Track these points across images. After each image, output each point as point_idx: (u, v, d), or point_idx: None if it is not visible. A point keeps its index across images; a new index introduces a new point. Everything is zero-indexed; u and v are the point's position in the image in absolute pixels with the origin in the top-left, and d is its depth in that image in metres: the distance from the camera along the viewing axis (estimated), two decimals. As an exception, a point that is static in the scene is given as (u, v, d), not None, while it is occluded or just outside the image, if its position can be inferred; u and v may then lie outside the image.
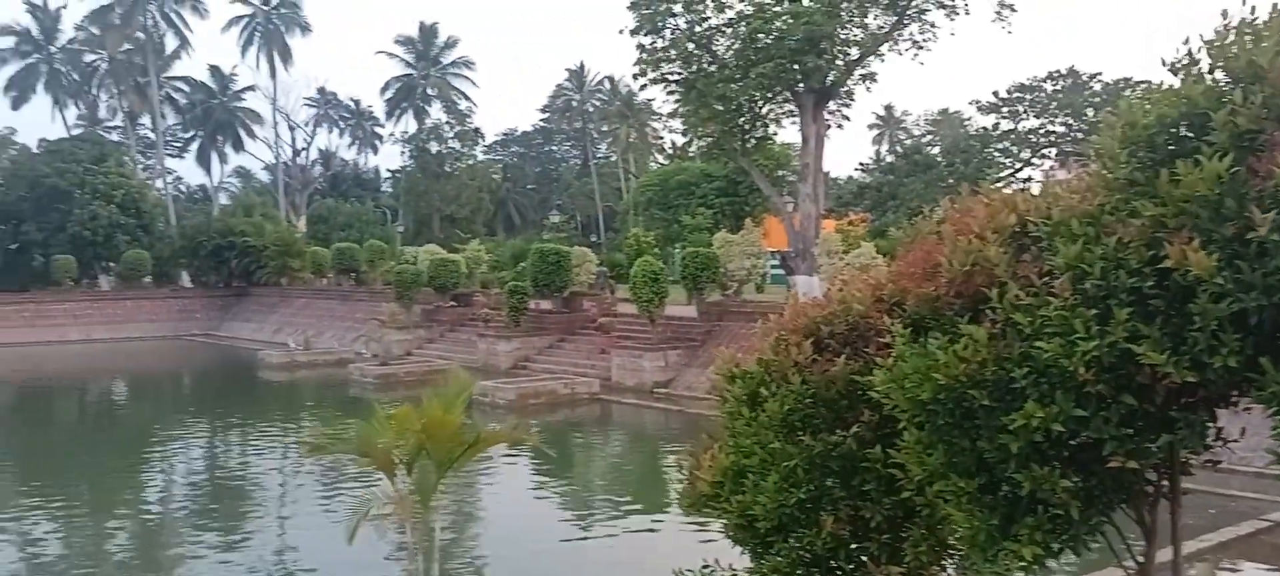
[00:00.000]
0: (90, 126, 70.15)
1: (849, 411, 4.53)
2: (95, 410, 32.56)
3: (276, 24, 69.48)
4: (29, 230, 52.94)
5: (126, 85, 67.72)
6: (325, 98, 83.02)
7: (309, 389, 33.16)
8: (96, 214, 52.86)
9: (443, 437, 8.84)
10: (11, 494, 18.74)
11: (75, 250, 52.40)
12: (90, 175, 53.55)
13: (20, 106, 66.91)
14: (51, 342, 46.98)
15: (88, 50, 67.90)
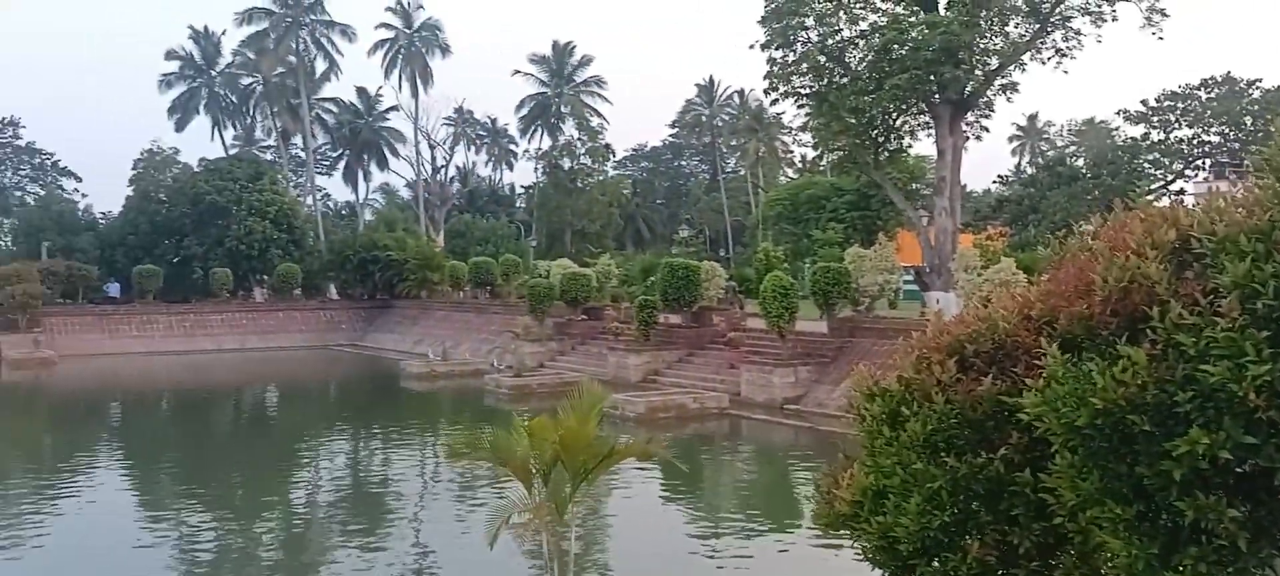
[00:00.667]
0: (246, 146, 74.11)
1: (996, 433, 4.39)
2: (249, 415, 34.27)
3: (418, 46, 71.94)
4: (190, 244, 56.30)
5: (280, 107, 71.28)
6: (463, 116, 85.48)
7: (447, 398, 34.12)
8: (252, 229, 55.78)
9: (578, 449, 8.98)
10: (173, 492, 19.92)
11: (232, 263, 55.38)
12: (246, 193, 56.53)
13: (184, 128, 71.13)
14: (210, 351, 49.79)
15: (245, 74, 71.73)
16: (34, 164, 75.25)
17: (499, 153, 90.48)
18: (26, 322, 46.19)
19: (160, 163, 62.80)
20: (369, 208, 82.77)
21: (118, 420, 32.44)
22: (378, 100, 78.03)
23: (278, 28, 67.03)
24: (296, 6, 66.86)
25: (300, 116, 70.46)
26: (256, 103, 73.70)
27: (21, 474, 22.53)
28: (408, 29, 71.78)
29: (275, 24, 66.93)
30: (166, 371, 43.77)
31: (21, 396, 38.08)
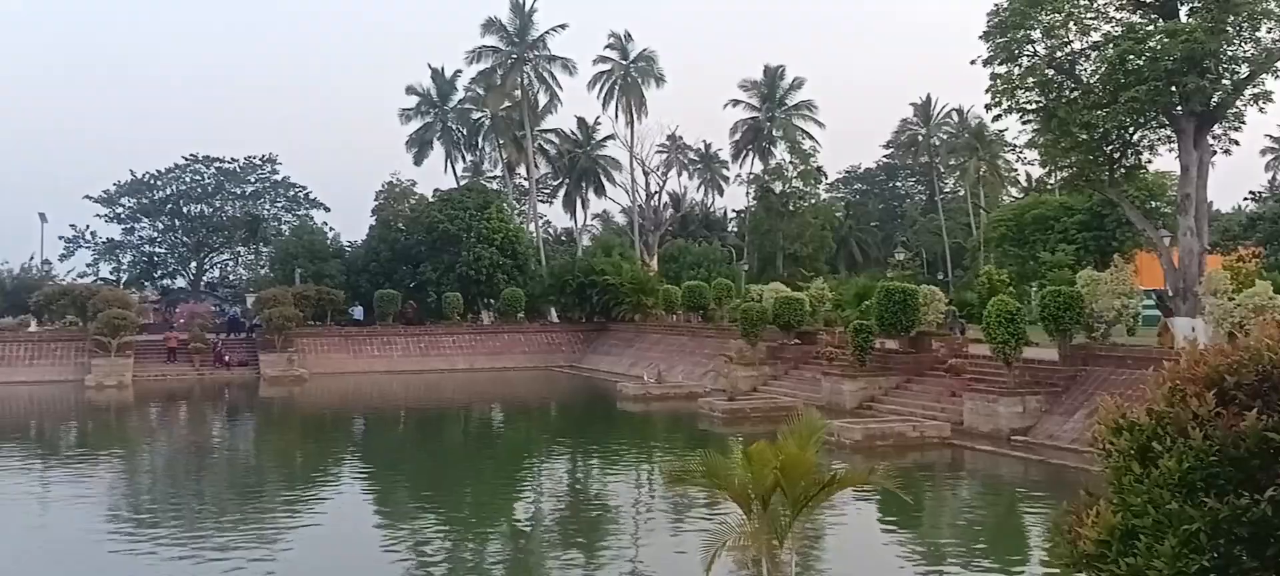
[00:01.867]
0: (474, 176, 78.26)
1: (1262, 472, 4.08)
2: (476, 431, 36.01)
3: (634, 77, 73.86)
4: (425, 270, 59.92)
5: (506, 139, 74.97)
6: (676, 143, 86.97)
7: (661, 420, 34.63)
8: (480, 255, 58.78)
9: (798, 475, 8.94)
10: (408, 503, 21.20)
11: (462, 288, 58.49)
12: (475, 221, 59.66)
13: (421, 161, 76.00)
14: (442, 370, 52.75)
15: (474, 109, 75.92)
16: (289, 196, 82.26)
17: (711, 177, 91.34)
18: (282, 342, 50.53)
19: (399, 194, 67.22)
20: (587, 233, 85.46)
21: (361, 433, 34.91)
22: (595, 130, 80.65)
23: (504, 65, 70.60)
24: (521, 44, 70.19)
25: (524, 148, 73.81)
26: (484, 135, 77.76)
27: (278, 481, 24.66)
28: (624, 61, 73.84)
29: (502, 61, 70.54)
30: (403, 389, 46.71)
31: (278, 410, 41.59)
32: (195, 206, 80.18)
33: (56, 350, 49.99)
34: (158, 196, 79.29)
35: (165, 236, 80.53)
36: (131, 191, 78.80)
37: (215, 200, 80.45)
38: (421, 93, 75.35)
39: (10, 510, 19.83)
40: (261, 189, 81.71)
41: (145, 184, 79.10)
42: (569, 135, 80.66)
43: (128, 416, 38.49)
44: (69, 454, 29.59)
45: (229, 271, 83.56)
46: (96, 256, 78.14)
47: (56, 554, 16.32)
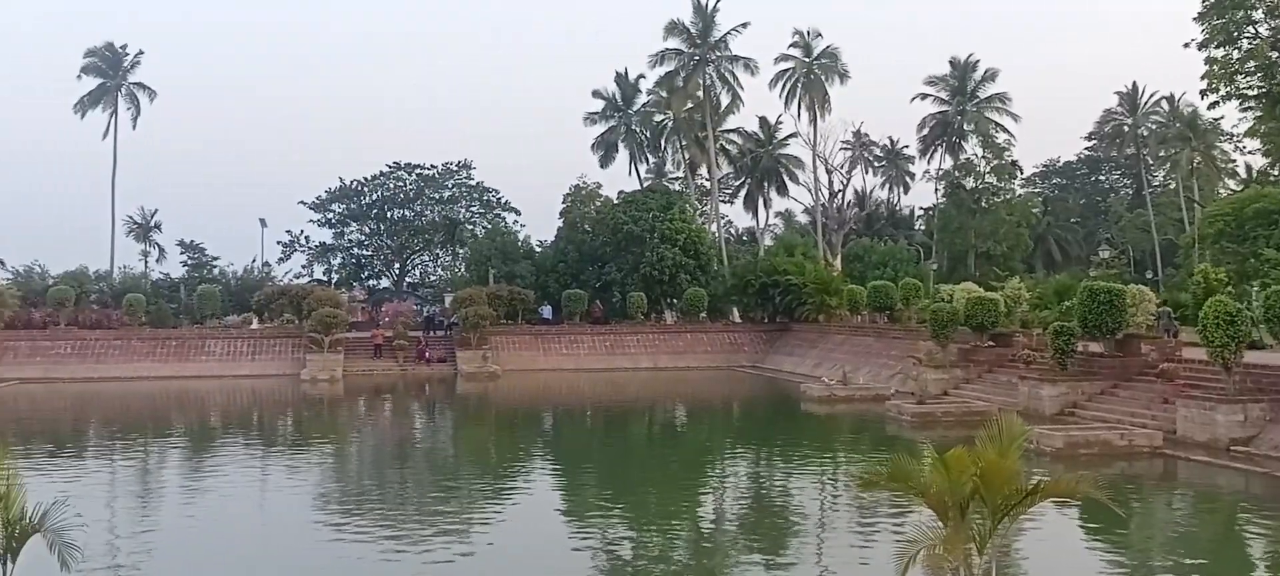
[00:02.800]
0: (657, 178, 79.26)
1: None
2: (660, 429, 36.45)
3: (817, 74, 72.92)
4: (610, 270, 61.17)
5: (688, 140, 75.54)
6: (860, 140, 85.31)
7: (846, 423, 34.08)
8: (663, 256, 59.48)
9: (999, 483, 8.64)
10: (595, 499, 21.71)
11: (646, 288, 59.36)
12: (658, 221, 60.41)
13: (607, 164, 77.60)
14: (626, 369, 53.75)
15: (657, 111, 76.86)
16: (483, 200, 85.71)
17: (896, 174, 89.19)
18: (477, 340, 52.73)
19: (585, 196, 68.86)
20: (769, 233, 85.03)
21: (550, 429, 36.01)
22: (778, 128, 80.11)
23: (686, 67, 71.15)
24: (703, 45, 70.55)
25: (706, 148, 74.16)
26: (667, 137, 78.58)
27: (474, 473, 25.77)
28: (807, 58, 73.03)
29: (684, 63, 71.12)
30: (590, 386, 47.87)
31: (473, 405, 43.40)
32: (398, 211, 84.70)
33: (275, 346, 53.95)
34: (364, 202, 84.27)
35: (371, 239, 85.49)
36: (341, 198, 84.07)
37: (416, 205, 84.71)
38: (606, 97, 76.92)
39: (233, 496, 21.52)
40: (458, 193, 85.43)
41: (353, 191, 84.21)
42: (751, 135, 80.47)
43: (338, 409, 41.07)
44: (285, 443, 31.90)
45: (428, 272, 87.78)
46: (310, 259, 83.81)
47: (272, 538, 17.61)
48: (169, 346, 53.32)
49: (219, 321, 58.52)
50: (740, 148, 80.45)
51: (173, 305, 62.03)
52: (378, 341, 54.57)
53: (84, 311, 58.09)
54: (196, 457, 27.91)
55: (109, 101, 73.34)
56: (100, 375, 49.70)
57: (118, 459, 27.79)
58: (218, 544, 17.02)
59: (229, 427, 35.55)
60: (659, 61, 71.36)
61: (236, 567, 15.34)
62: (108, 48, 73.53)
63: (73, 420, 36.89)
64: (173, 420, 37.06)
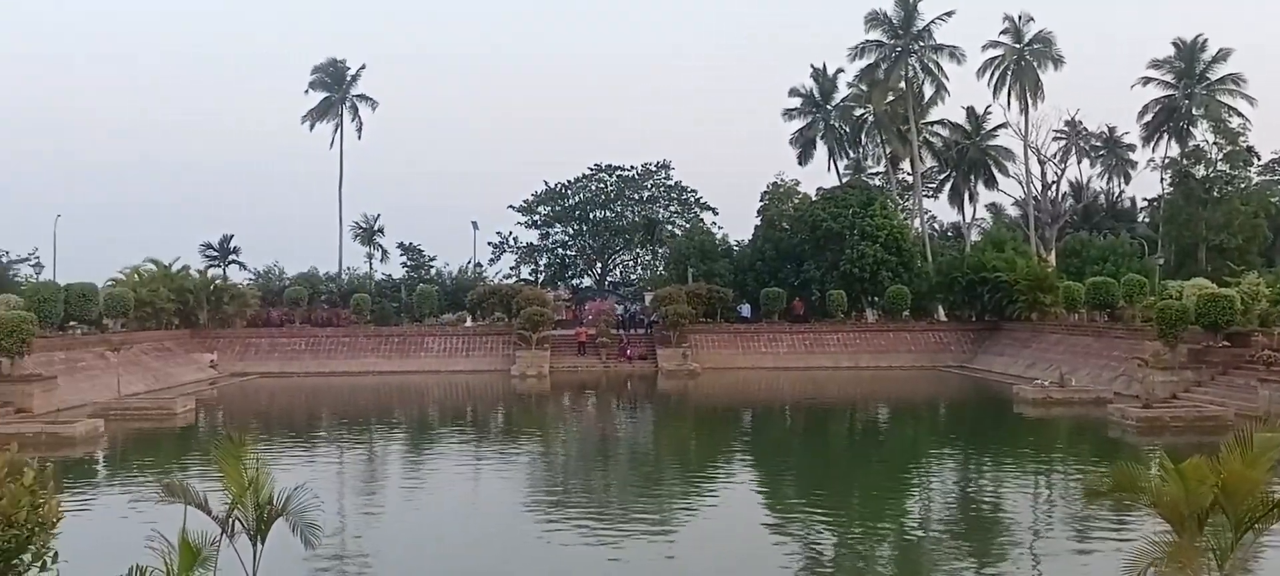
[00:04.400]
0: (856, 174, 77.73)
1: None
2: (863, 429, 35.77)
3: (1028, 61, 69.58)
4: (809, 268, 60.49)
5: (889, 134, 73.65)
6: (1075, 128, 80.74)
7: (1063, 427, 32.39)
8: (864, 253, 58.31)
9: (1243, 495, 8.00)
10: (796, 498, 21.54)
11: (846, 286, 58.38)
12: (858, 218, 59.27)
13: (805, 161, 76.76)
14: (826, 367, 53.07)
15: (857, 106, 75.36)
16: (681, 200, 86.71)
17: (1116, 164, 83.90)
18: (677, 338, 53.38)
19: (783, 194, 68.44)
20: (976, 228, 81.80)
21: (749, 427, 36.01)
22: (986, 119, 76.93)
23: (887, 58, 69.45)
24: (906, 36, 68.66)
25: (909, 141, 72.11)
26: (867, 131, 76.92)
27: (675, 469, 26.10)
28: (1017, 44, 69.80)
29: (885, 55, 69.44)
30: (789, 385, 47.53)
31: (673, 402, 43.95)
32: (600, 212, 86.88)
33: (487, 343, 56.47)
34: (568, 204, 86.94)
35: (575, 240, 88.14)
36: (546, 200, 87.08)
37: (616, 205, 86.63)
38: (804, 93, 76.10)
39: (449, 487, 22.70)
40: (656, 194, 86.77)
41: (557, 193, 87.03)
42: (956, 126, 77.59)
43: (545, 404, 42.54)
44: (497, 436, 33.33)
45: (629, 271, 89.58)
46: (518, 259, 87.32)
47: (483, 529, 18.40)
48: (391, 343, 56.73)
49: (436, 319, 61.81)
50: (945, 140, 77.71)
51: (394, 304, 66.04)
52: (582, 339, 56.16)
53: (315, 310, 62.76)
54: (417, 448, 29.63)
55: (334, 114, 78.78)
56: (330, 370, 53.49)
57: (347, 448, 29.86)
58: (436, 529, 18.03)
59: (446, 420, 37.51)
60: (858, 54, 70.02)
61: (454, 551, 16.20)
62: (332, 63, 79.01)
63: (306, 411, 39.87)
64: (395, 412, 39.43)
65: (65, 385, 35.78)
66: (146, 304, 51.03)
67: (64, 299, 43.79)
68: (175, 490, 8.89)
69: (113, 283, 52.21)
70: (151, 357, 46.92)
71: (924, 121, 74.24)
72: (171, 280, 55.19)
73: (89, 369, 40.27)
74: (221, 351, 53.19)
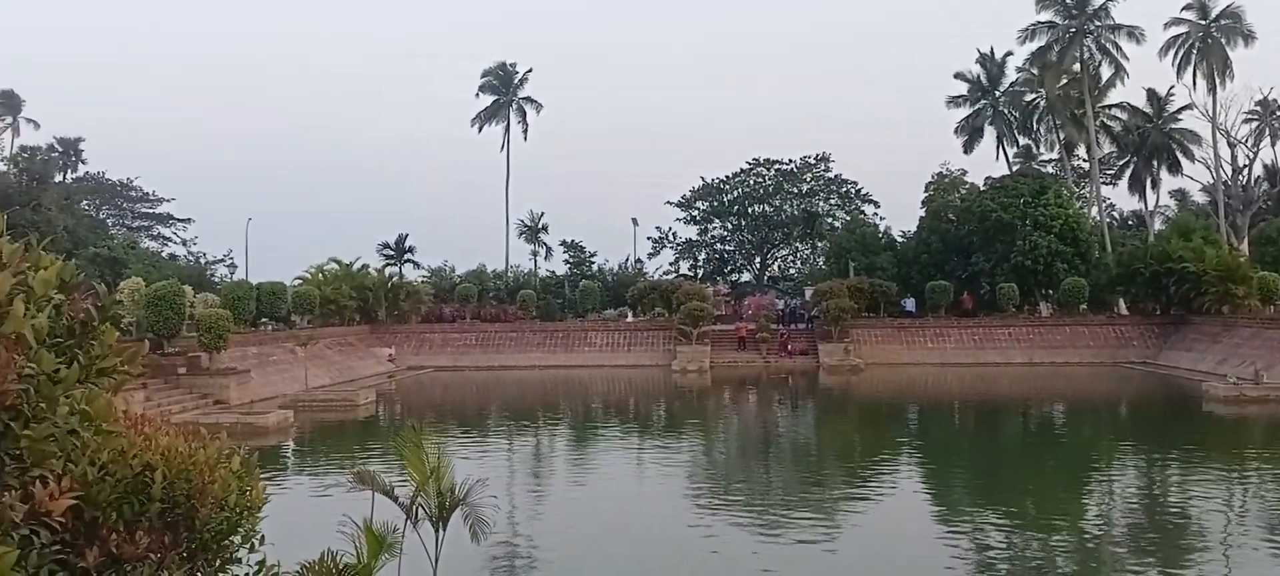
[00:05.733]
0: (1027, 161, 74.64)
1: None
2: (1037, 428, 34.40)
3: (1216, 38, 65.17)
4: (978, 260, 58.53)
5: (1063, 119, 70.37)
6: (1269, 109, 75.13)
7: (1258, 427, 30.32)
8: (1037, 244, 55.99)
9: None
10: (965, 497, 20.97)
11: (1017, 278, 56.20)
12: (1030, 207, 56.96)
13: (971, 149, 74.32)
14: (997, 364, 51.24)
15: (1028, 90, 72.37)
16: (841, 193, 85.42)
17: (1320, 144, 77.67)
18: (839, 333, 52.66)
19: (949, 184, 66.49)
20: (1159, 216, 77.35)
21: (915, 424, 35.20)
22: (1169, 101, 72.56)
23: (1061, 40, 66.39)
24: (1080, 16, 65.45)
25: (1084, 126, 68.74)
26: (1039, 117, 73.79)
27: (837, 466, 25.83)
28: (1203, 21, 65.49)
29: (1058, 36, 66.39)
30: (957, 382, 46.18)
31: (835, 398, 43.41)
32: (758, 206, 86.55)
33: (648, 338, 57.16)
34: (726, 199, 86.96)
35: (733, 235, 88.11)
36: (704, 195, 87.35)
37: (775, 200, 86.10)
38: (970, 79, 73.68)
39: (612, 480, 23.18)
40: (816, 187, 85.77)
41: (715, 188, 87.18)
42: (1136, 109, 73.43)
43: (706, 398, 42.77)
44: (659, 430, 33.75)
45: (788, 265, 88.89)
46: (677, 255, 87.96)
47: (646, 522, 18.69)
48: (556, 338, 58.18)
49: (598, 315, 63.03)
50: (1124, 124, 73.69)
51: (558, 300, 67.75)
52: (742, 334, 56.12)
53: (485, 306, 64.98)
54: (581, 440, 30.37)
55: (502, 116, 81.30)
56: (499, 363, 55.34)
57: (515, 439, 30.90)
58: (600, 521, 18.45)
59: (609, 413, 38.26)
60: (1029, 37, 67.19)
61: (618, 543, 16.56)
62: (500, 67, 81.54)
63: (477, 404, 41.42)
64: (560, 405, 40.49)
65: (258, 378, 38.32)
66: (330, 301, 54.11)
67: (256, 297, 46.92)
68: (364, 478, 9.49)
69: (299, 281, 55.64)
70: (335, 352, 49.70)
71: (1101, 105, 70.61)
72: (352, 278, 58.28)
73: (279, 363, 42.99)
74: (398, 346, 55.78)
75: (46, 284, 3.62)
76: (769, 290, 78.58)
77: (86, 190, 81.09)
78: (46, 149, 75.95)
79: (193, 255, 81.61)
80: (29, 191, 60.36)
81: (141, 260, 59.20)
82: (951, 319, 56.24)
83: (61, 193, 70.13)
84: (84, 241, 59.81)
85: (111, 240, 66.27)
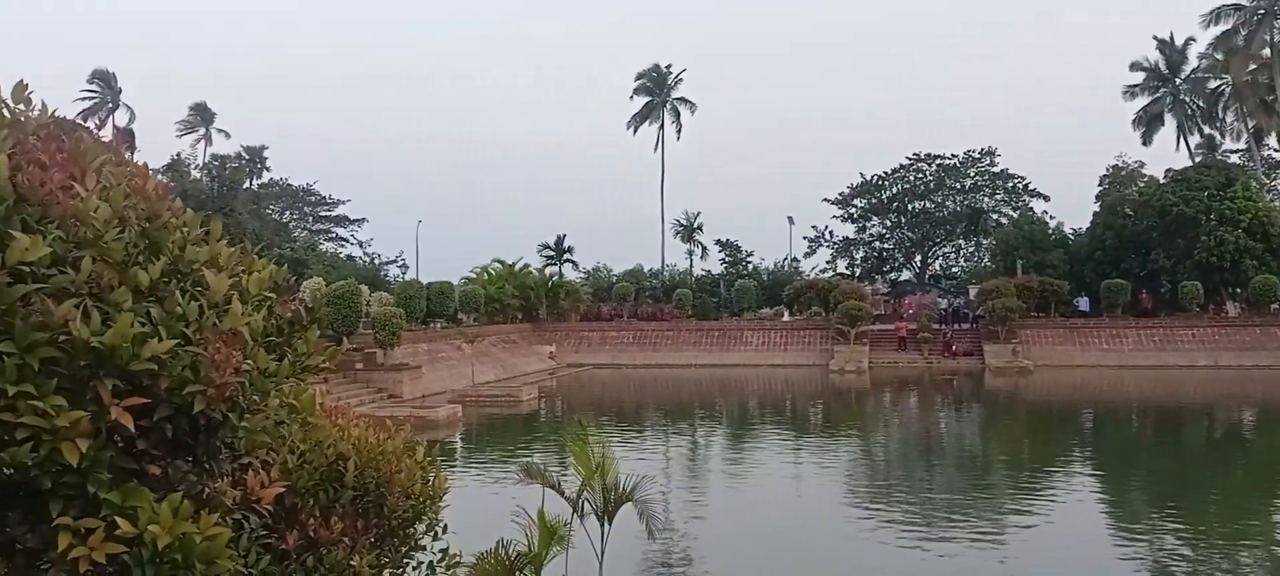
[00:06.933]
0: (1210, 153, 70.08)
1: None
2: (1223, 435, 32.34)
3: None
4: (1157, 257, 55.40)
5: (1251, 106, 65.72)
6: None
7: None
8: (1223, 240, 52.59)
9: None
10: (1144, 507, 19.93)
11: (1201, 276, 52.93)
12: (1216, 201, 53.54)
13: (1149, 141, 70.33)
14: (1179, 366, 48.39)
15: (1212, 77, 67.97)
16: (1008, 188, 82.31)
17: None
18: (1006, 333, 50.81)
19: (1125, 177, 63.22)
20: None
21: (1089, 429, 33.62)
22: None
23: (1249, 22, 62.08)
24: (1270, -4, 61.04)
25: (1276, 113, 64.05)
26: (1225, 105, 69.19)
27: (1004, 472, 24.94)
28: None
29: (1246, 18, 62.10)
30: (1135, 385, 43.86)
31: (1003, 401, 41.91)
32: (919, 203, 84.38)
33: (805, 337, 56.62)
34: (885, 196, 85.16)
35: (892, 232, 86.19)
36: (861, 192, 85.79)
37: (937, 196, 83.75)
38: (1148, 67, 69.74)
39: (771, 482, 23.08)
40: (980, 182, 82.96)
41: (873, 185, 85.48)
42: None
43: (865, 400, 42.05)
44: (817, 431, 33.41)
45: (950, 263, 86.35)
46: (834, 253, 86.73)
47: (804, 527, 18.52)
48: (711, 337, 58.33)
49: (754, 314, 62.83)
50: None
51: (713, 299, 67.87)
52: (902, 334, 54.88)
53: (641, 305, 65.77)
54: (739, 440, 30.40)
55: (656, 117, 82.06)
56: (656, 361, 55.91)
57: (673, 436, 31.18)
58: (758, 524, 18.42)
59: (766, 413, 38.12)
60: (1213, 20, 63.03)
61: (776, 544, 16.52)
62: (654, 69, 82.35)
63: (635, 401, 41.99)
64: (717, 404, 40.60)
65: (428, 373, 39.97)
66: (494, 300, 55.94)
67: (426, 296, 48.96)
68: (531, 472, 9.84)
69: (466, 281, 57.72)
70: (499, 349, 51.33)
71: (1299, 89, 65.54)
72: (515, 278, 60.06)
73: (447, 359, 44.71)
74: (558, 344, 57.10)
75: (260, 285, 3.95)
76: (930, 289, 76.48)
77: (272, 195, 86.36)
78: (235, 157, 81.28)
79: (367, 256, 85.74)
80: (222, 197, 64.78)
81: (321, 261, 62.73)
82: (1129, 319, 53.38)
83: (250, 198, 75.02)
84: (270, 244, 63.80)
85: (294, 242, 70.42)
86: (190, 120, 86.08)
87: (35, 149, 3.57)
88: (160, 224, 3.74)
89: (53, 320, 3.12)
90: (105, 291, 3.32)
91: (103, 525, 3.21)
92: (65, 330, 3.13)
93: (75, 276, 3.26)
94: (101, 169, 3.63)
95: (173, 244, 3.72)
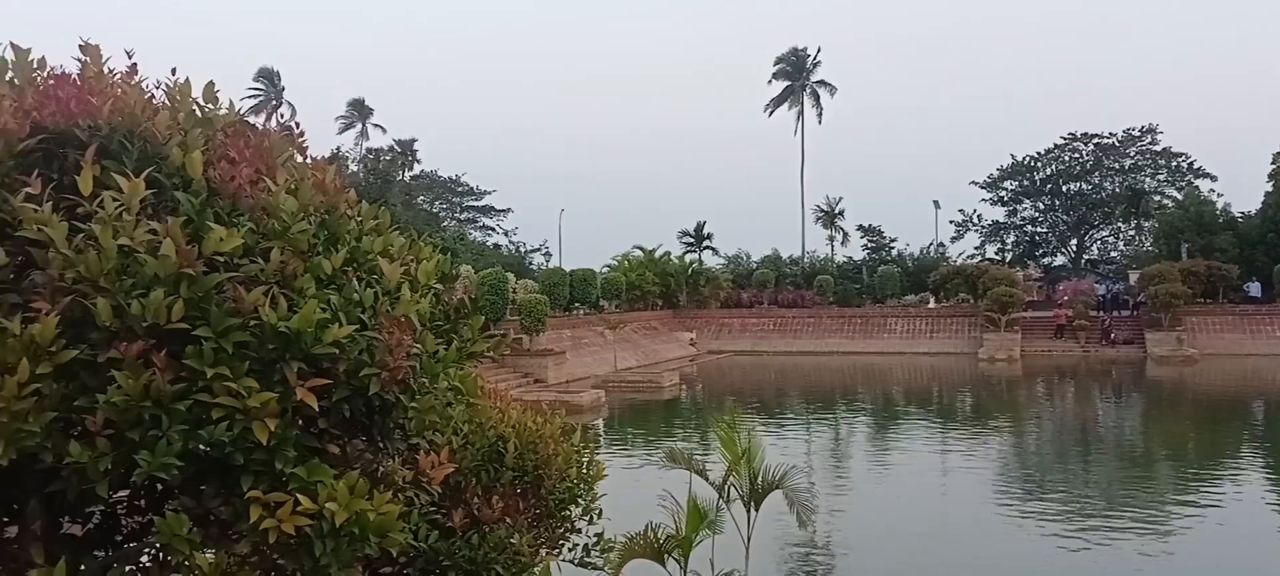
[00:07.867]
0: None
1: None
2: None
3: None
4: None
5: None
6: None
7: None
8: None
9: None
10: None
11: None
12: None
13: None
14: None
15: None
16: (1171, 167, 77.97)
17: None
18: (1169, 321, 48.25)
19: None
20: None
21: (1262, 422, 31.61)
22: None
23: None
24: None
25: None
26: None
27: (1168, 467, 23.68)
28: None
29: None
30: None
31: (1167, 391, 39.80)
32: (1074, 185, 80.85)
33: (951, 325, 55.09)
34: (1037, 177, 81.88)
35: (1046, 216, 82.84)
36: (1012, 174, 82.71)
37: (1093, 177, 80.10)
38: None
39: (917, 474, 22.55)
40: (1141, 162, 78.93)
41: (1025, 166, 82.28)
42: None
43: (1017, 389, 40.60)
44: (966, 421, 32.47)
45: (1109, 248, 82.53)
46: (983, 238, 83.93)
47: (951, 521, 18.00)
48: (854, 324, 57.39)
49: (898, 300, 61.48)
50: None
51: (856, 285, 66.70)
52: (1059, 321, 52.76)
53: (781, 292, 65.23)
54: (884, 430, 29.84)
55: (795, 100, 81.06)
56: (797, 349, 55.39)
57: (815, 424, 30.87)
58: (903, 517, 18.02)
59: (912, 402, 37.28)
60: None
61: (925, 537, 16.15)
62: (793, 52, 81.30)
63: (776, 388, 41.72)
64: (860, 392, 39.95)
65: (572, 359, 40.71)
66: (635, 287, 56.49)
67: (569, 283, 49.85)
68: (676, 457, 9.92)
69: (607, 268, 58.44)
70: (640, 336, 51.82)
71: None
72: (655, 265, 60.47)
73: (590, 345, 45.42)
74: (699, 330, 57.23)
75: (428, 275, 4.13)
76: (1087, 274, 73.15)
77: (422, 186, 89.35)
78: (388, 150, 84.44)
79: (513, 244, 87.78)
80: (377, 189, 67.47)
81: (470, 250, 64.61)
82: (1307, 305, 49.91)
83: (403, 189, 77.84)
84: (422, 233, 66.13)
85: (444, 232, 72.74)
86: (348, 116, 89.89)
87: (225, 145, 3.83)
88: (338, 216, 3.96)
89: (244, 306, 3.34)
90: (290, 279, 3.53)
91: (289, 499, 3.42)
92: (255, 316, 3.35)
93: (264, 265, 3.48)
94: (287, 164, 3.87)
95: (349, 234, 3.94)
